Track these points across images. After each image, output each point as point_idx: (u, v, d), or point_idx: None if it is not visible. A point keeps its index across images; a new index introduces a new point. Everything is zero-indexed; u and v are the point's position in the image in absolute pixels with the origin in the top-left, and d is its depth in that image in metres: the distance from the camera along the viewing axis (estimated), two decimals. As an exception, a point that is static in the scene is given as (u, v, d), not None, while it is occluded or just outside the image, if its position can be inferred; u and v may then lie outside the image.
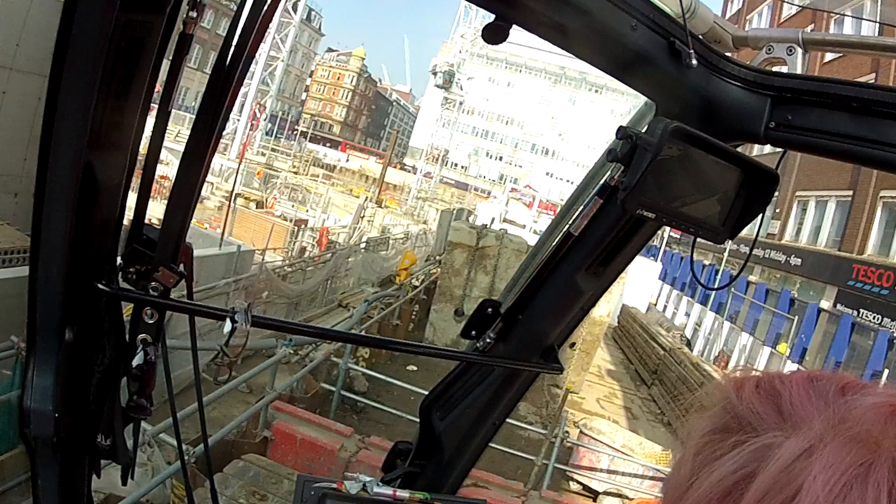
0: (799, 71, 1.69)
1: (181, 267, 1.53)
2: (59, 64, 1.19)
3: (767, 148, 1.87)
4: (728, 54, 1.75)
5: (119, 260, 1.50)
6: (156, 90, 1.43)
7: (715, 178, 1.68)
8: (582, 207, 1.89)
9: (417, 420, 2.33)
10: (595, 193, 1.78)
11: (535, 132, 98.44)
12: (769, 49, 1.72)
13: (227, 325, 1.53)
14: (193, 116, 1.43)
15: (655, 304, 42.35)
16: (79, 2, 1.14)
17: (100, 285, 1.47)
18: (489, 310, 2.11)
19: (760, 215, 1.73)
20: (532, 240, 26.39)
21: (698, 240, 1.78)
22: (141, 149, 1.44)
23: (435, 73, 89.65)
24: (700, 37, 1.69)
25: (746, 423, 0.73)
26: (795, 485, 0.63)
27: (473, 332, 2.13)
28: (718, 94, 1.74)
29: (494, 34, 1.49)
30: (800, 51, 1.68)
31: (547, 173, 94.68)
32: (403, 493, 1.94)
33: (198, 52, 79.18)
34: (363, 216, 41.14)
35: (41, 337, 1.49)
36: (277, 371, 12.33)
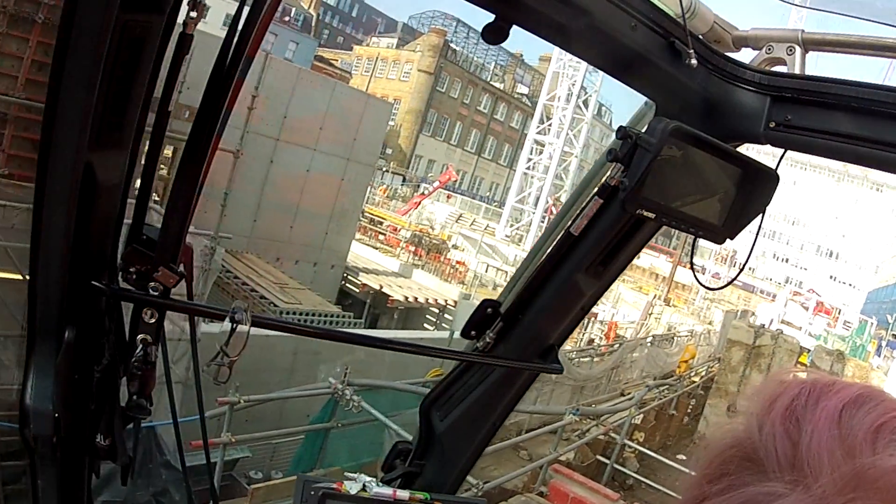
0: (798, 71, 1.69)
1: (181, 267, 1.52)
2: (60, 64, 1.18)
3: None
4: (728, 54, 1.76)
5: (119, 260, 1.49)
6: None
7: (715, 178, 1.68)
8: (582, 207, 1.88)
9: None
10: (595, 193, 1.78)
11: (819, 233, 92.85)
12: (769, 49, 1.73)
13: (227, 325, 1.53)
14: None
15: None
16: (79, 2, 1.14)
17: (100, 285, 1.46)
18: (489, 310, 2.10)
19: (760, 215, 1.74)
20: (806, 342, 28.61)
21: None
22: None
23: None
24: (700, 37, 1.70)
25: (758, 457, 0.68)
26: None
27: (473, 332, 2.12)
28: (718, 94, 1.75)
29: (494, 34, 1.49)
30: (800, 51, 1.69)
31: (830, 276, 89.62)
32: (403, 493, 1.93)
33: (492, 143, 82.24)
34: (650, 313, 41.15)
35: (41, 337, 1.48)
36: (559, 437, 14.02)
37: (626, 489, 16.48)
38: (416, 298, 30.39)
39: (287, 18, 61.77)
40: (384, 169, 62.40)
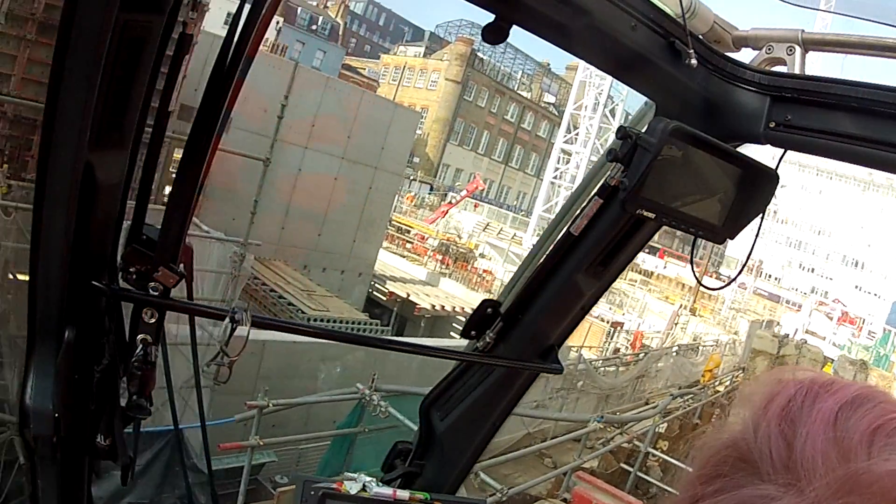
0: (798, 71, 1.68)
1: (181, 267, 1.52)
2: (60, 64, 1.19)
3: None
4: (728, 54, 1.75)
5: (119, 260, 1.50)
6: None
7: (715, 178, 1.68)
8: (582, 207, 1.88)
9: None
10: (595, 193, 1.77)
11: (845, 242, 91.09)
12: (769, 49, 1.72)
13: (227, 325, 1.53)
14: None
15: None
16: (79, 2, 1.15)
17: (100, 285, 1.47)
18: (489, 310, 2.09)
19: (760, 215, 1.73)
20: (830, 351, 29.23)
21: None
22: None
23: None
24: (700, 37, 1.69)
25: (752, 458, 0.66)
26: None
27: (473, 332, 2.12)
28: (718, 94, 1.74)
29: (494, 34, 1.49)
30: (799, 51, 1.68)
31: (856, 286, 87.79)
32: (403, 493, 1.93)
33: (520, 152, 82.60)
34: (676, 323, 41.40)
35: (41, 337, 1.49)
36: (584, 445, 14.43)
37: (650, 497, 16.40)
38: (442, 307, 30.48)
39: (314, 27, 62.08)
40: (411, 177, 62.54)
